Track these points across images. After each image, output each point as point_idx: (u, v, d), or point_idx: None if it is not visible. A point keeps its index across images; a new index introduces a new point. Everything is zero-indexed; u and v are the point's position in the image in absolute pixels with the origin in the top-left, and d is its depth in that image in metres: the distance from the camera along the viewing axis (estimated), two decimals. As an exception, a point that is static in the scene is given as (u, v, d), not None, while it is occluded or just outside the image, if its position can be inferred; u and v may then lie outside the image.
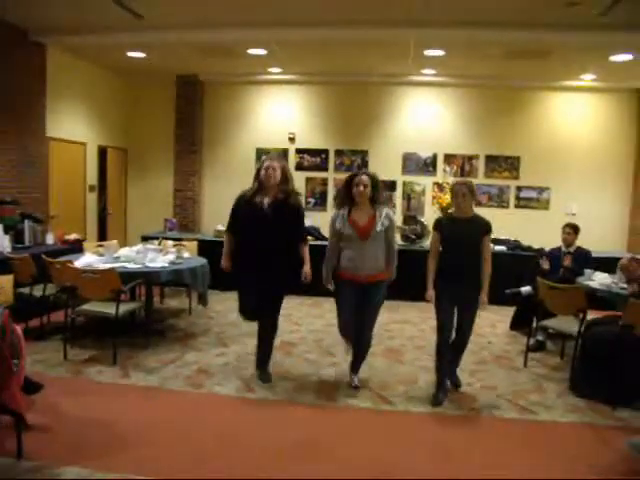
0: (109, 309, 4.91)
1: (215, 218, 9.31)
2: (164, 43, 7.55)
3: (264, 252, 4.39)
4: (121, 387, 4.39)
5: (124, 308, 5.03)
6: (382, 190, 4.52)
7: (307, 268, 4.55)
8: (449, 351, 4.49)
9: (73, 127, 8.58)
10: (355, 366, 4.66)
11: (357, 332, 4.49)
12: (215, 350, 5.43)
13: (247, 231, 4.44)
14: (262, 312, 4.55)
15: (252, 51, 7.91)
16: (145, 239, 7.51)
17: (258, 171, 4.48)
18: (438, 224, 4.50)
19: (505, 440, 3.77)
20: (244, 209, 4.47)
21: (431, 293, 4.36)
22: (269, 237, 4.37)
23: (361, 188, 4.29)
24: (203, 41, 7.45)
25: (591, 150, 9.33)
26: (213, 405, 4.16)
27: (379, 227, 4.32)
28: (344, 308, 4.45)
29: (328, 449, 3.51)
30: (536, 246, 8.18)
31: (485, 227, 4.38)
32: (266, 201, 4.40)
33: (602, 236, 8.79)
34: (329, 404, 4.26)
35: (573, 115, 9.37)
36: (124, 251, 5.83)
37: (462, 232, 4.34)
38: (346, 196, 4.39)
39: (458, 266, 4.32)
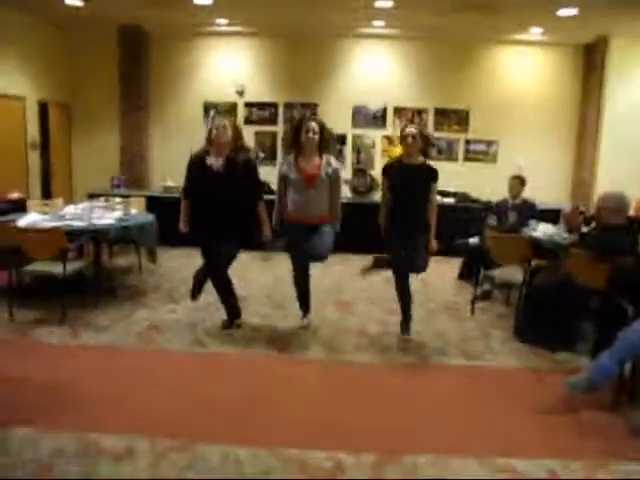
0: (56, 268, 4.80)
1: (163, 174, 9.14)
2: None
3: (221, 212, 4.38)
4: (71, 347, 4.34)
5: (71, 267, 4.92)
6: (331, 139, 4.58)
7: (267, 230, 4.60)
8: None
9: (9, 81, 8.16)
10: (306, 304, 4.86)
11: (311, 252, 4.52)
12: (166, 307, 5.41)
13: (202, 193, 4.43)
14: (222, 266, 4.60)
15: (198, 0, 7.62)
16: (92, 197, 7.31)
17: (210, 130, 4.43)
18: (386, 169, 4.63)
19: (451, 385, 3.93)
20: (198, 171, 4.44)
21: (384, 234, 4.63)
22: (223, 199, 4.37)
23: (310, 134, 4.31)
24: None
25: (538, 104, 9.50)
26: (164, 361, 4.17)
27: (324, 175, 4.39)
28: (294, 244, 4.55)
29: (277, 402, 3.56)
30: (484, 198, 8.38)
31: (432, 174, 4.49)
32: (219, 161, 4.38)
33: (548, 188, 9.04)
34: (280, 355, 4.33)
35: (521, 69, 9.49)
36: (70, 209, 5.69)
37: (409, 177, 4.45)
38: (294, 141, 4.41)
39: (406, 211, 4.47)
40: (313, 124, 4.35)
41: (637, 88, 8.99)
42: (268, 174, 8.48)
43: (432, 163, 4.64)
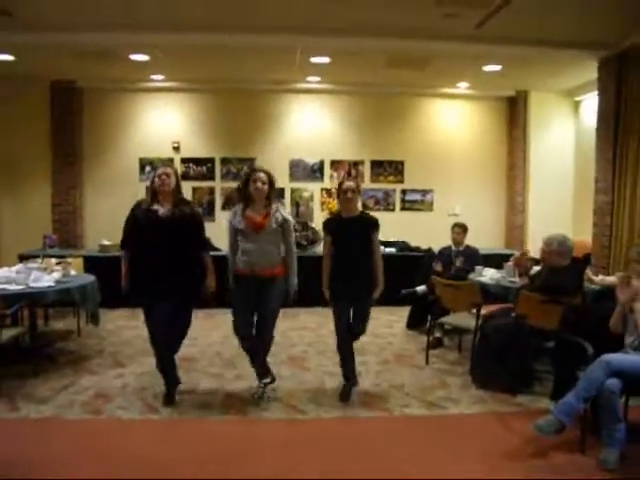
0: (-10, 336, 4.46)
1: (99, 232, 8.80)
2: (36, 45, 6.93)
3: (164, 265, 4.18)
4: (10, 422, 3.99)
5: (7, 334, 4.60)
6: (275, 189, 4.50)
7: (211, 281, 4.45)
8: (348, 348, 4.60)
9: None
10: (259, 370, 4.52)
11: (257, 330, 4.41)
12: (112, 372, 5.12)
13: (145, 243, 4.22)
14: (172, 329, 4.29)
15: (134, 57, 7.56)
16: (23, 258, 6.94)
17: (152, 180, 4.31)
18: (327, 225, 4.64)
19: (419, 436, 3.88)
20: (140, 220, 4.24)
21: (326, 293, 4.53)
22: (169, 247, 4.18)
23: (259, 184, 4.26)
24: (80, 44, 6.94)
25: (469, 153, 9.86)
26: (117, 431, 3.89)
27: (273, 223, 4.31)
28: (240, 303, 4.36)
29: (243, 464, 3.39)
30: (424, 246, 8.55)
31: (373, 223, 4.52)
32: (163, 210, 4.23)
33: (483, 233, 9.29)
34: (239, 418, 4.14)
35: (451, 121, 9.86)
36: (3, 272, 5.33)
37: (351, 231, 4.45)
38: (244, 193, 4.34)
39: (350, 265, 4.43)
40: (262, 174, 4.30)
41: (555, 135, 9.54)
42: (208, 230, 8.38)
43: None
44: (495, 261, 7.06)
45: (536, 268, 5.23)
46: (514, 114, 9.77)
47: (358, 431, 3.97)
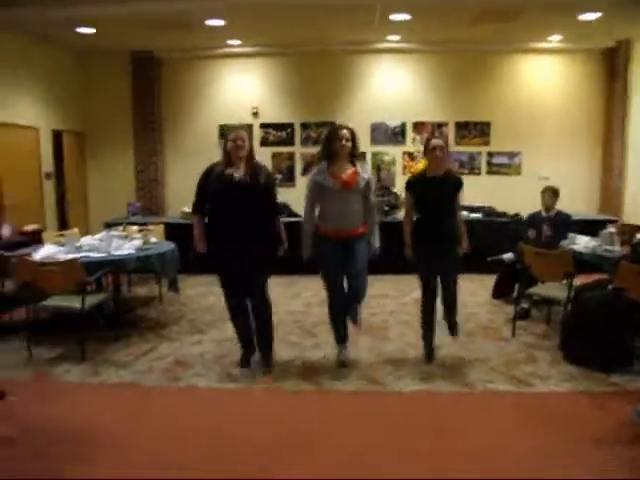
0: (74, 303, 4.56)
1: (180, 199, 8.89)
2: (114, 17, 7.04)
3: (241, 229, 4.09)
4: (91, 386, 4.07)
5: (90, 300, 4.69)
6: (358, 147, 4.33)
7: (283, 247, 4.34)
8: (434, 312, 4.51)
9: (23, 111, 8.03)
10: (352, 313, 4.40)
11: (350, 284, 4.30)
12: (191, 338, 5.15)
13: (220, 208, 4.14)
14: (250, 292, 4.29)
15: (210, 22, 7.47)
16: (108, 226, 7.11)
17: (225, 143, 4.19)
18: (410, 185, 4.46)
19: (503, 415, 3.63)
20: (214, 184, 4.13)
21: (409, 253, 4.40)
22: (244, 212, 4.08)
23: (343, 142, 4.12)
24: (157, 13, 6.96)
25: (560, 113, 9.21)
26: (193, 399, 3.89)
27: (361, 182, 4.19)
28: (331, 264, 4.24)
29: (315, 442, 3.26)
30: (511, 212, 8.09)
31: (458, 183, 4.41)
32: (237, 174, 4.11)
33: (575, 198, 8.67)
34: (315, 389, 4.03)
35: (541, 78, 9.21)
36: (86, 240, 5.47)
37: (435, 191, 4.32)
38: (327, 150, 4.21)
39: (435, 225, 4.33)
40: (345, 132, 4.16)
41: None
42: (287, 195, 8.32)
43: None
44: (588, 228, 6.57)
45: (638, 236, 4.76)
46: (613, 68, 9.00)
47: (438, 407, 3.76)
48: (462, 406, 3.77)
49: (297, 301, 6.52)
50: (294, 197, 7.49)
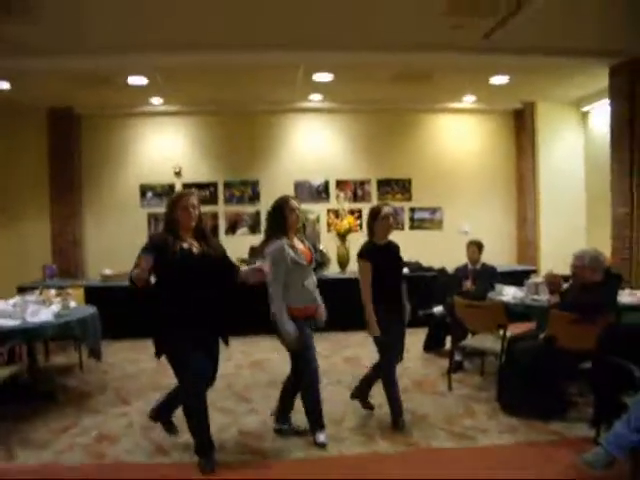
0: (-16, 376, 4.18)
1: (100, 261, 8.60)
2: (32, 71, 6.79)
3: (208, 307, 3.66)
4: (6, 471, 3.66)
5: (3, 373, 4.31)
6: None
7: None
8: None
9: None
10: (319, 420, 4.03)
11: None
12: (116, 410, 4.80)
13: (183, 285, 3.58)
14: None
15: (132, 80, 7.37)
16: (22, 290, 6.67)
17: (172, 210, 3.65)
18: (368, 253, 4.20)
19: (449, 473, 3.54)
20: (174, 262, 3.54)
21: (375, 332, 4.11)
22: (210, 288, 3.67)
23: (297, 212, 3.94)
24: (77, 69, 6.79)
25: (477, 168, 9.66)
26: (122, 478, 3.56)
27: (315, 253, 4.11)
28: (312, 345, 3.95)
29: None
30: (435, 266, 8.25)
31: (398, 249, 4.38)
32: (194, 245, 3.67)
33: (495, 250, 8.99)
34: (254, 459, 3.81)
35: (458, 136, 9.67)
36: (-2, 306, 5.07)
37: (390, 257, 4.26)
38: (282, 224, 3.91)
39: (395, 293, 4.22)
40: (296, 202, 3.96)
41: (564, 146, 9.37)
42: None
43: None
44: (510, 278, 6.78)
45: (565, 285, 4.93)
46: (521, 127, 9.61)
47: (382, 468, 3.64)
48: (406, 467, 3.65)
49: (228, 363, 6.26)
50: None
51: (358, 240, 4.85)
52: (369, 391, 4.54)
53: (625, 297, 5.00)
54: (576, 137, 9.40)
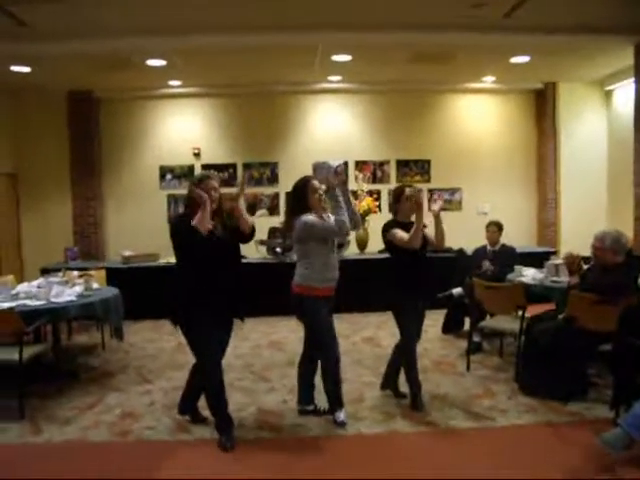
0: (11, 355, 4.25)
1: (121, 243, 8.70)
2: (52, 55, 6.81)
3: (228, 284, 3.72)
4: (33, 447, 3.75)
5: (29, 352, 4.40)
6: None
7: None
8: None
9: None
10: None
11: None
12: (138, 388, 4.88)
13: (205, 266, 3.61)
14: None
15: (151, 62, 7.38)
16: (46, 272, 6.78)
17: (192, 191, 3.62)
18: (392, 226, 4.18)
19: (469, 452, 3.57)
20: (195, 240, 3.50)
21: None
22: (229, 267, 3.72)
23: (318, 194, 3.93)
24: (97, 52, 6.81)
25: (497, 149, 9.55)
26: (146, 455, 3.63)
27: None
28: (330, 326, 3.97)
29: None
30: (454, 247, 8.21)
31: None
32: (217, 228, 3.69)
33: (515, 231, 8.92)
34: (273, 436, 3.88)
35: (478, 116, 9.55)
36: (23, 287, 5.17)
37: None
38: (302, 205, 3.92)
39: (417, 270, 4.19)
40: (317, 182, 3.94)
41: (586, 127, 9.24)
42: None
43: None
44: (529, 260, 6.75)
45: (584, 266, 4.89)
46: (542, 107, 9.44)
47: (402, 448, 3.69)
48: (426, 446, 3.69)
49: (246, 343, 6.34)
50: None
51: (377, 221, 4.82)
52: (397, 378, 4.50)
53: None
54: (599, 117, 9.24)
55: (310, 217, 3.86)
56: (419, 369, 4.33)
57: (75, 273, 5.78)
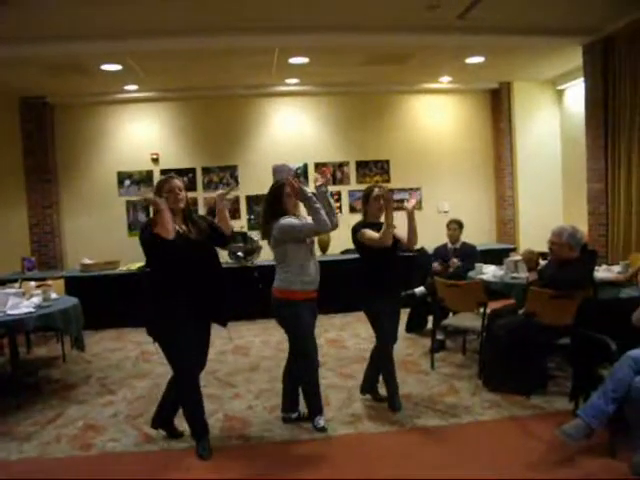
0: (-34, 371, 4.14)
1: (80, 251, 8.51)
2: (2, 60, 6.62)
3: (205, 288, 3.66)
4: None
5: (-15, 367, 4.28)
6: None
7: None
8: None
9: None
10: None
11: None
12: (101, 399, 4.78)
13: (184, 272, 3.56)
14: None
15: (106, 67, 7.25)
16: (1, 283, 6.57)
17: (158, 196, 3.56)
18: (361, 225, 4.23)
19: (436, 451, 3.61)
20: (173, 247, 3.48)
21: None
22: (206, 270, 3.68)
23: (294, 200, 3.87)
24: (49, 57, 6.64)
25: (455, 149, 9.68)
26: (110, 469, 3.55)
27: None
28: (311, 330, 3.97)
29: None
30: (416, 246, 8.29)
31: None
32: (189, 232, 3.65)
33: (474, 229, 9.06)
34: (240, 443, 3.85)
35: (435, 116, 9.67)
36: (-23, 299, 5.01)
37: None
38: (279, 208, 3.86)
39: (389, 271, 4.26)
40: (288, 188, 3.84)
41: (540, 125, 9.42)
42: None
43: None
44: (489, 257, 6.89)
45: (542, 262, 5.01)
46: (498, 106, 9.62)
47: (367, 449, 3.69)
48: (393, 446, 3.71)
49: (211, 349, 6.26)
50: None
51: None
52: (377, 381, 4.48)
53: (602, 273, 5.09)
54: (552, 115, 9.46)
55: (288, 219, 3.82)
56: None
57: (32, 284, 5.64)
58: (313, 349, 3.95)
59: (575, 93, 8.75)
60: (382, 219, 4.14)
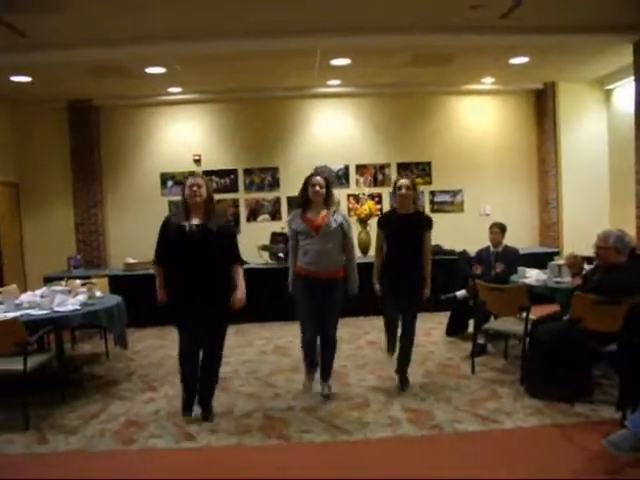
0: (15, 365, 4.23)
1: (123, 251, 8.70)
2: (52, 65, 6.83)
3: (196, 279, 4.06)
4: (38, 457, 3.73)
5: (33, 361, 4.38)
6: (333, 193, 4.53)
7: (240, 293, 4.20)
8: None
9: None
10: (325, 371, 4.63)
11: (321, 332, 4.47)
12: (143, 396, 4.87)
13: (177, 259, 4.09)
14: (204, 343, 4.21)
15: (150, 70, 7.40)
16: (49, 280, 6.79)
17: (183, 191, 4.19)
18: (381, 222, 4.70)
19: (476, 456, 3.55)
20: (171, 235, 4.12)
21: (377, 289, 4.65)
22: (199, 263, 4.06)
23: (317, 188, 4.34)
24: (96, 61, 6.83)
25: (497, 150, 9.53)
26: (151, 464, 3.62)
27: (332, 223, 4.34)
28: (303, 303, 4.42)
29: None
30: (457, 249, 8.20)
31: (427, 221, 4.60)
32: (193, 223, 4.10)
33: (517, 232, 8.90)
34: (279, 443, 3.86)
35: (478, 118, 9.54)
36: (26, 296, 5.15)
37: (405, 228, 4.51)
38: (303, 196, 4.45)
39: (402, 262, 4.52)
40: (319, 178, 4.41)
41: (587, 126, 9.20)
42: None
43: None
44: (532, 260, 6.74)
45: (587, 267, 4.88)
46: (542, 107, 9.43)
47: (407, 452, 3.66)
48: (432, 450, 3.67)
49: (251, 349, 6.34)
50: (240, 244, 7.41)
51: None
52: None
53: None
54: (599, 116, 9.22)
55: (295, 212, 4.51)
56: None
57: (78, 282, 5.78)
58: (304, 322, 4.46)
59: (624, 93, 8.51)
60: (410, 210, 4.59)
